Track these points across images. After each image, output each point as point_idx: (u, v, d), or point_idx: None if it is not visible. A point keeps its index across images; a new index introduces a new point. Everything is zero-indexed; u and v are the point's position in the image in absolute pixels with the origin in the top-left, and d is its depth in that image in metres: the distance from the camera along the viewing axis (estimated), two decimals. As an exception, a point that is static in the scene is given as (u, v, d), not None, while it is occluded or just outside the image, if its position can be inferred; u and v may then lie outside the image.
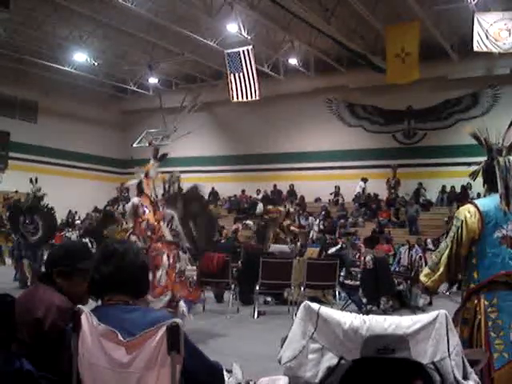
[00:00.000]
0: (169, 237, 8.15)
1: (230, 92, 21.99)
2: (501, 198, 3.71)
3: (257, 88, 21.47)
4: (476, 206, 3.76)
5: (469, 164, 4.21)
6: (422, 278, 3.93)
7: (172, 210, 8.62)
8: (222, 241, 19.21)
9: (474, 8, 18.21)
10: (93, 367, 2.42)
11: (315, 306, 2.56)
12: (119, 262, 2.54)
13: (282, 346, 2.65)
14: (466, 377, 2.52)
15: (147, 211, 8.28)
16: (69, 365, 2.52)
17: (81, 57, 24.52)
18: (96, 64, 25.33)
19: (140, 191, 8.69)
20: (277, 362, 2.65)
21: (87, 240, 14.45)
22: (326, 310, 2.54)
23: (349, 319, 2.49)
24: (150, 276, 6.27)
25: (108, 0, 18.75)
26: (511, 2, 18.32)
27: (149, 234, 8.00)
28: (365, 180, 25.20)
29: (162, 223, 8.27)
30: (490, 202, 3.78)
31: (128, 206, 8.66)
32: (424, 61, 19.99)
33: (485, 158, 3.96)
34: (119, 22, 20.98)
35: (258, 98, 21.82)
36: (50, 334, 2.75)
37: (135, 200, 8.50)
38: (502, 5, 18.42)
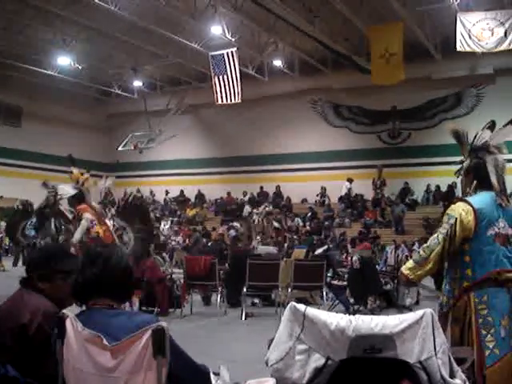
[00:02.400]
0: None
1: (214, 94, 22.01)
2: (498, 195, 3.72)
3: (239, 91, 21.49)
4: (470, 204, 3.75)
5: (452, 163, 4.22)
6: (406, 271, 3.88)
7: (124, 222, 8.58)
8: (210, 243, 19.27)
9: (457, 8, 18.33)
10: (78, 372, 2.40)
11: (301, 307, 2.56)
12: (104, 266, 2.51)
13: (268, 348, 2.64)
14: (452, 375, 2.52)
15: (95, 223, 8.28)
16: (54, 370, 2.49)
17: (65, 60, 24.37)
18: (80, 67, 25.19)
19: (79, 201, 8.61)
20: (265, 364, 2.64)
21: None
22: (312, 311, 2.54)
23: (335, 320, 2.49)
24: None
25: (91, 3, 18.65)
26: (493, 2, 18.48)
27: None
28: (350, 181, 25.28)
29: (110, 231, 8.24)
30: (482, 200, 3.77)
31: (83, 224, 8.53)
32: (408, 61, 20.08)
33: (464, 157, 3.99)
34: (103, 26, 20.89)
35: (239, 100, 21.85)
36: (36, 339, 2.73)
37: (89, 216, 8.39)
38: (485, 5, 18.56)
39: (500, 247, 3.69)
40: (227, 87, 21.59)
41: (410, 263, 3.92)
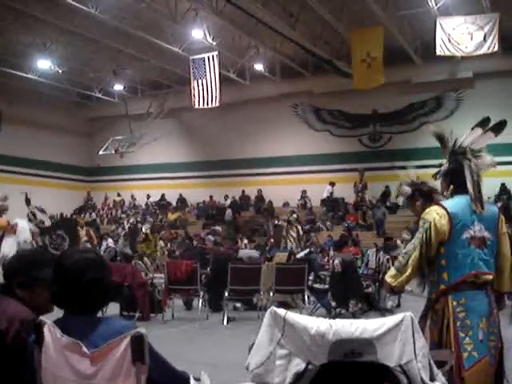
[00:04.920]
0: None
1: (193, 98, 21.98)
2: (474, 200, 3.73)
3: (217, 95, 21.47)
4: (444, 208, 3.77)
5: (430, 166, 4.26)
6: (389, 279, 3.92)
7: None
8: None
9: (437, 13, 18.47)
10: (57, 380, 2.37)
11: (282, 311, 2.56)
12: (79, 276, 2.46)
13: (249, 353, 2.64)
14: (432, 378, 2.53)
15: None
16: (32, 378, 2.46)
17: (45, 64, 24.23)
18: (60, 71, 25.05)
19: None
20: (246, 369, 2.63)
21: None
22: (292, 316, 2.54)
23: (315, 324, 2.48)
24: None
25: (72, 7, 18.55)
26: (473, 6, 18.63)
27: None
28: (332, 184, 25.35)
29: None
30: (457, 204, 3.79)
31: None
32: (388, 65, 20.19)
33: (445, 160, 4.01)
34: (83, 29, 20.78)
35: (217, 105, 21.85)
36: (13, 347, 2.69)
37: None
38: (464, 9, 18.72)
39: (476, 250, 3.71)
40: (206, 91, 21.58)
41: (392, 271, 3.94)
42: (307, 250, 14.98)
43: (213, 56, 21.31)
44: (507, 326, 4.07)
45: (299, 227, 20.35)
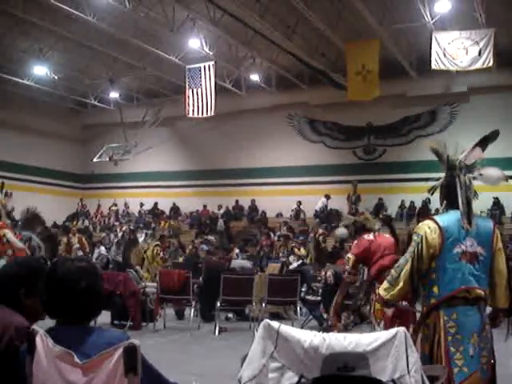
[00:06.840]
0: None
1: (187, 107, 22.01)
2: (462, 216, 3.74)
3: (212, 104, 21.47)
4: (436, 222, 3.78)
5: (426, 180, 4.27)
6: (382, 292, 3.94)
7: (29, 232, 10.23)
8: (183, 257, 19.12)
9: (432, 27, 18.57)
10: (48, 390, 2.35)
11: (275, 324, 2.55)
12: (71, 285, 2.46)
13: (242, 365, 2.62)
14: (425, 393, 2.53)
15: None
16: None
17: (41, 70, 24.20)
18: (56, 78, 25.03)
19: None
20: (237, 381, 2.62)
21: None
22: (285, 329, 2.53)
23: (309, 337, 2.48)
24: None
25: (69, 13, 18.57)
26: (468, 21, 18.74)
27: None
28: (327, 197, 25.31)
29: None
30: (449, 218, 3.81)
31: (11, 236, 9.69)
32: (384, 78, 20.27)
33: (443, 174, 4.02)
34: (80, 36, 20.80)
35: (212, 114, 21.85)
36: (5, 355, 2.67)
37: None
38: (459, 24, 18.82)
39: (466, 265, 3.71)
40: (200, 101, 21.58)
41: (384, 284, 3.95)
42: (300, 261, 14.95)
43: (209, 66, 21.34)
44: (503, 342, 4.06)
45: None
